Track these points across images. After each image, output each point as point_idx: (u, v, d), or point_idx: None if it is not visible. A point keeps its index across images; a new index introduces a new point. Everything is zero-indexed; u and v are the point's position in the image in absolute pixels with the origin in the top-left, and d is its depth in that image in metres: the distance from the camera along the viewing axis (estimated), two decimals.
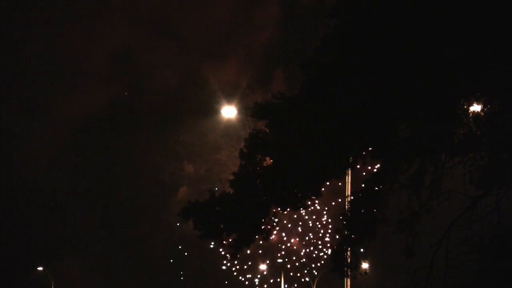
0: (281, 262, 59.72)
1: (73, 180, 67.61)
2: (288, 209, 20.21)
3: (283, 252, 60.24)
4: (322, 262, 58.95)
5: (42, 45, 67.37)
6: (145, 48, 66.97)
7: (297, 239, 60.44)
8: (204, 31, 65.80)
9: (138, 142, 66.31)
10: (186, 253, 64.12)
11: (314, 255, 60.43)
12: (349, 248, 20.18)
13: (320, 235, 60.06)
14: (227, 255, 20.77)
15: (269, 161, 19.95)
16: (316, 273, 58.34)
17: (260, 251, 59.99)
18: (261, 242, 21.22)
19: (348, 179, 29.56)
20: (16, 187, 67.39)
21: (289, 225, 59.84)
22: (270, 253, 60.49)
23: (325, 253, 59.24)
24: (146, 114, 66.60)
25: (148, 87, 66.86)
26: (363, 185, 20.12)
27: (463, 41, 17.02)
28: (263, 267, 61.38)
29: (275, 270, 60.63)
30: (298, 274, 61.06)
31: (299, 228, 60.48)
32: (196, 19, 65.86)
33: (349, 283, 32.94)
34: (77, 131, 67.18)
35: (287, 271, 59.40)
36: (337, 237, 21.21)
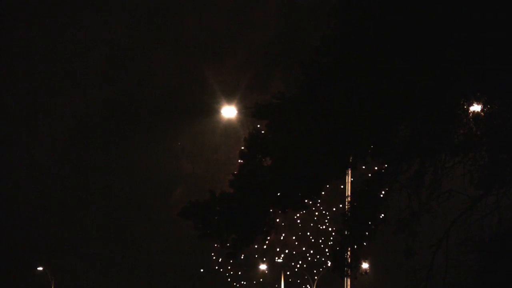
0: (281, 262, 59.70)
1: (73, 180, 67.62)
2: (288, 210, 20.20)
3: (282, 256, 60.21)
4: (324, 267, 58.87)
5: (41, 45, 67.36)
6: (144, 47, 66.97)
7: (296, 243, 60.39)
8: (204, 31, 65.80)
9: (136, 141, 66.32)
10: (184, 254, 64.11)
11: (315, 260, 60.38)
12: (349, 248, 20.18)
13: (323, 239, 59.97)
14: (227, 257, 20.69)
15: (269, 161, 19.94)
16: (316, 278, 58.27)
17: (256, 256, 59.93)
18: (256, 246, 21.21)
19: (348, 179, 29.57)
20: (16, 187, 67.40)
21: (289, 227, 59.82)
22: (269, 255, 60.48)
23: (325, 256, 59.15)
24: (145, 114, 66.60)
25: (147, 87, 66.87)
26: (363, 185, 20.12)
27: (463, 41, 17.02)
28: (263, 267, 61.36)
29: (274, 273, 60.58)
30: (298, 281, 61.01)
31: (300, 231, 60.42)
32: (195, 19, 65.86)
33: (349, 283, 32.94)
34: (76, 131, 67.21)
35: (286, 274, 59.35)
36: (337, 237, 21.19)
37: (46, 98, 68.15)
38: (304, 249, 60.65)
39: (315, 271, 59.77)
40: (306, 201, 19.93)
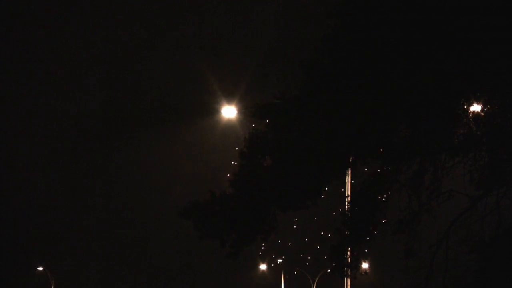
0: (281, 262, 59.66)
1: (73, 179, 67.62)
2: (289, 210, 20.18)
3: (282, 257, 60.15)
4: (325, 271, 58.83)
5: (40, 45, 67.33)
6: (144, 48, 66.95)
7: (296, 243, 60.25)
8: (204, 31, 65.77)
9: (136, 141, 66.29)
10: (184, 254, 64.08)
11: (315, 260, 60.28)
12: (349, 248, 20.17)
13: (322, 238, 59.64)
14: (227, 257, 20.65)
15: (269, 161, 19.93)
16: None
17: (256, 256, 59.83)
18: (256, 246, 21.22)
19: (348, 179, 29.55)
20: (16, 187, 67.37)
21: (288, 227, 59.60)
22: (269, 255, 60.44)
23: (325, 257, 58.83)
24: (145, 114, 66.59)
25: (147, 87, 66.84)
26: (363, 185, 20.11)
27: (463, 41, 17.02)
28: (263, 267, 61.34)
29: (274, 273, 60.54)
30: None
31: (299, 231, 60.25)
32: (195, 19, 65.83)
33: (349, 283, 32.91)
34: (76, 131, 67.21)
35: (287, 274, 59.31)
36: (337, 237, 21.15)
37: (46, 98, 68.15)
38: (303, 249, 60.58)
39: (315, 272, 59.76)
40: (306, 201, 19.91)
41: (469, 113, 18.52)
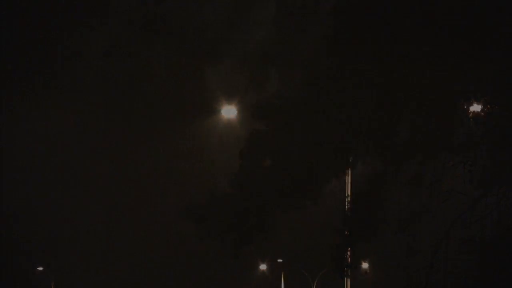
0: (281, 262, 59.70)
1: (72, 179, 67.61)
2: (289, 210, 20.19)
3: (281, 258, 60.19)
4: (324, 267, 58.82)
5: (38, 44, 67.32)
6: (143, 47, 66.94)
7: (296, 243, 60.31)
8: (204, 30, 65.79)
9: (135, 141, 66.27)
10: (183, 254, 64.07)
11: (315, 260, 60.30)
12: (349, 248, 20.18)
13: (322, 239, 59.66)
14: (227, 257, 20.68)
15: (269, 161, 19.94)
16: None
17: (256, 256, 59.87)
18: (256, 246, 21.25)
19: (348, 179, 29.56)
20: (16, 187, 67.38)
21: (288, 227, 59.58)
22: (269, 255, 60.47)
23: (325, 256, 58.76)
24: (144, 114, 66.54)
25: (146, 87, 66.81)
26: (363, 185, 20.12)
27: (464, 41, 17.03)
28: (263, 267, 61.35)
29: (274, 273, 60.53)
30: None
31: (299, 231, 60.31)
32: (195, 17, 65.86)
33: (349, 283, 32.92)
34: (75, 131, 67.18)
35: (286, 273, 59.32)
36: (337, 237, 21.15)
37: (44, 97, 68.12)
38: (303, 249, 60.61)
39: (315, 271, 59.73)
40: (306, 201, 19.92)
41: (469, 113, 18.53)
